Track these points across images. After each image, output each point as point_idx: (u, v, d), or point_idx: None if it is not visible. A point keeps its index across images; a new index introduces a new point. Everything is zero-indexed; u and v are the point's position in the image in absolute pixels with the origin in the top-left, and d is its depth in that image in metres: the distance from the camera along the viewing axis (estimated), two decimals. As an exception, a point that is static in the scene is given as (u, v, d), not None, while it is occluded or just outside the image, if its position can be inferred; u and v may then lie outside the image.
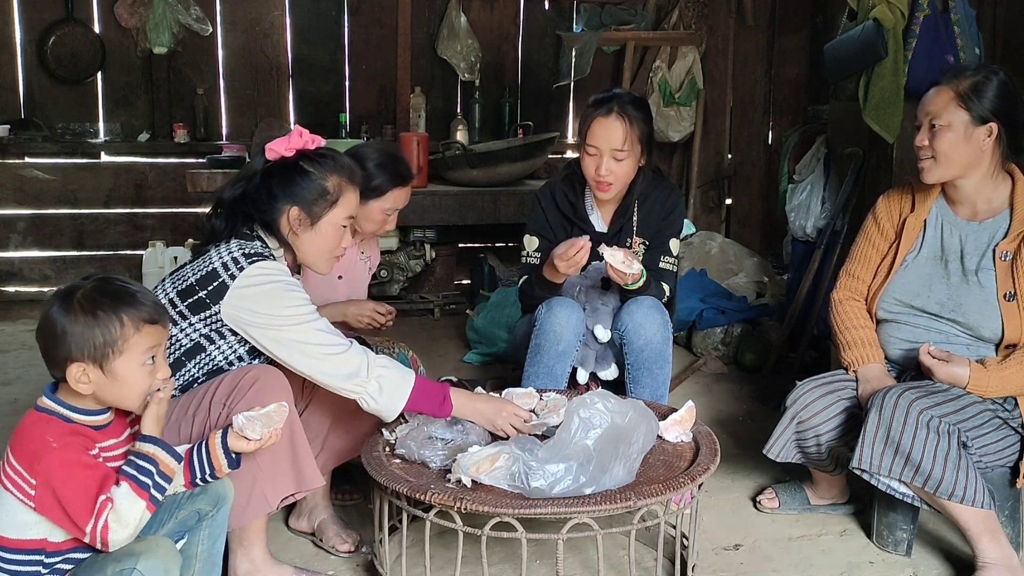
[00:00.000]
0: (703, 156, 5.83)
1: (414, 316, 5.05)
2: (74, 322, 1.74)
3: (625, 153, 2.79)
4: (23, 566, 1.77)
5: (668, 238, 2.95)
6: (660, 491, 2.06)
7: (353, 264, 3.03)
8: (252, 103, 5.47)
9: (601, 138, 2.79)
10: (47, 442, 1.73)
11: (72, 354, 1.75)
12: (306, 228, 2.30)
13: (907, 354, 2.58)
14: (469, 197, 4.79)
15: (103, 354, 1.75)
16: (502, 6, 5.69)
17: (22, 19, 5.16)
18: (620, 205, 2.94)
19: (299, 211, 2.28)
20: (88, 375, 1.76)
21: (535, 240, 2.98)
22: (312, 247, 2.33)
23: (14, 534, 1.76)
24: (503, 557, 2.46)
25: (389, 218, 2.90)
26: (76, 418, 1.80)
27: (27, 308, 5.07)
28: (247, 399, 2.14)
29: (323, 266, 2.39)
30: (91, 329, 1.74)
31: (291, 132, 2.32)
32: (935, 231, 2.61)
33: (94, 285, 1.80)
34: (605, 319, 2.85)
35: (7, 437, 1.81)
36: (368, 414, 2.56)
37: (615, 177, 2.81)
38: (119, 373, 1.77)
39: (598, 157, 2.80)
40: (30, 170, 5.26)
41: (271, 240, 2.31)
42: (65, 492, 1.71)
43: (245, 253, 2.19)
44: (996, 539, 2.36)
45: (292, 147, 2.30)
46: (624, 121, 2.78)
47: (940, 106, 2.46)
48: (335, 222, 2.32)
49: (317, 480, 2.28)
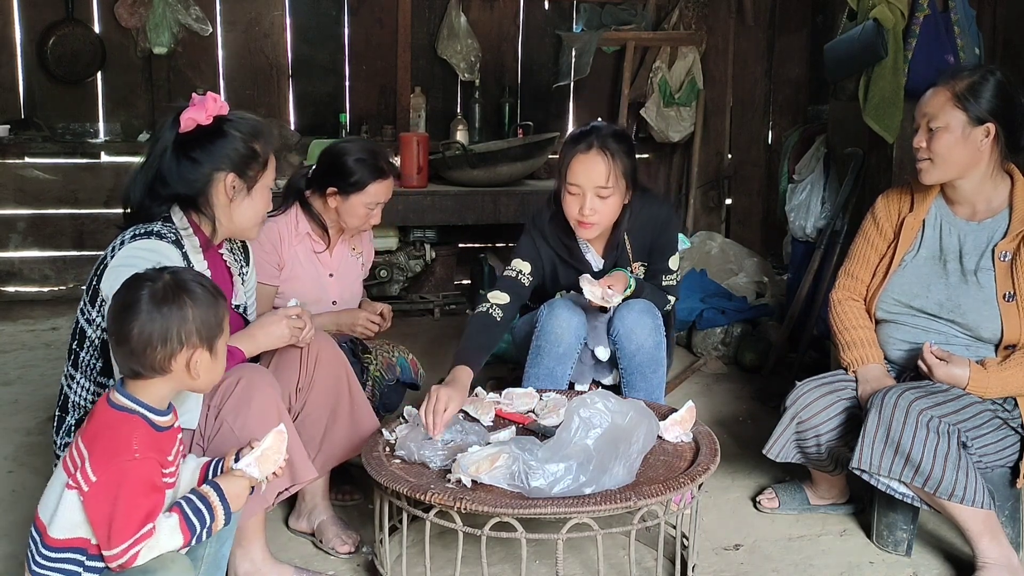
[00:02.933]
0: (703, 156, 5.83)
1: (414, 316, 5.05)
2: (191, 306, 1.78)
3: (609, 190, 2.67)
4: (63, 563, 1.77)
5: (666, 257, 2.89)
6: (660, 491, 2.06)
7: (345, 261, 3.02)
8: (252, 103, 5.46)
9: (583, 176, 2.67)
10: (132, 448, 1.73)
11: (191, 340, 1.78)
12: (243, 194, 2.25)
13: (906, 354, 2.58)
14: (469, 197, 4.79)
15: (215, 333, 1.82)
16: (502, 6, 5.69)
17: (22, 19, 5.16)
18: (610, 238, 2.86)
19: (235, 177, 2.23)
20: (199, 359, 1.80)
21: (527, 264, 2.85)
22: (246, 213, 2.28)
23: (63, 535, 1.76)
24: (503, 557, 2.46)
25: (372, 213, 2.89)
26: (154, 418, 1.80)
27: (27, 308, 5.08)
28: (235, 397, 2.13)
29: (253, 232, 2.36)
30: (206, 311, 1.80)
31: (204, 98, 2.21)
32: (934, 231, 2.61)
33: (175, 275, 1.83)
34: (606, 339, 2.84)
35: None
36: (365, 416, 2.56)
37: (599, 216, 2.70)
38: (219, 352, 1.85)
39: (581, 196, 2.68)
40: (30, 170, 5.26)
41: (180, 218, 2.23)
42: (120, 503, 1.70)
43: (135, 233, 2.15)
44: (996, 539, 2.36)
45: (211, 113, 2.21)
46: (606, 156, 2.65)
47: (937, 107, 2.46)
48: (267, 185, 2.29)
49: (310, 472, 2.28)
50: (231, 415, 2.12)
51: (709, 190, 5.96)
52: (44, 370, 4.06)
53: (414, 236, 4.95)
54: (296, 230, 2.91)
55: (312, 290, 2.86)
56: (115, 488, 1.70)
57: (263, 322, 2.35)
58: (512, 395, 2.64)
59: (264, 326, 2.34)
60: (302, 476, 2.26)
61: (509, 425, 2.49)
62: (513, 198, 4.80)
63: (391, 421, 2.50)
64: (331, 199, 2.86)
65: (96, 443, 1.74)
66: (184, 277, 1.84)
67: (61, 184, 5.31)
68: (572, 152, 2.71)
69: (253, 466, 1.93)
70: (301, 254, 2.91)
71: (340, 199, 2.85)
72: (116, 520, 1.70)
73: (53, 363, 4.12)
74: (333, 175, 2.85)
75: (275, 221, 2.90)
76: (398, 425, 2.43)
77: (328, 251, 2.96)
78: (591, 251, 2.89)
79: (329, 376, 2.48)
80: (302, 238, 2.91)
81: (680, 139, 5.73)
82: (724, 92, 5.89)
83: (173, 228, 2.21)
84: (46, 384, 3.81)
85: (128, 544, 1.71)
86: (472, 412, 2.55)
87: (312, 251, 2.93)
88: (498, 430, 2.42)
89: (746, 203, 6.07)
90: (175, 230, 2.21)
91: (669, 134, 5.65)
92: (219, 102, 2.24)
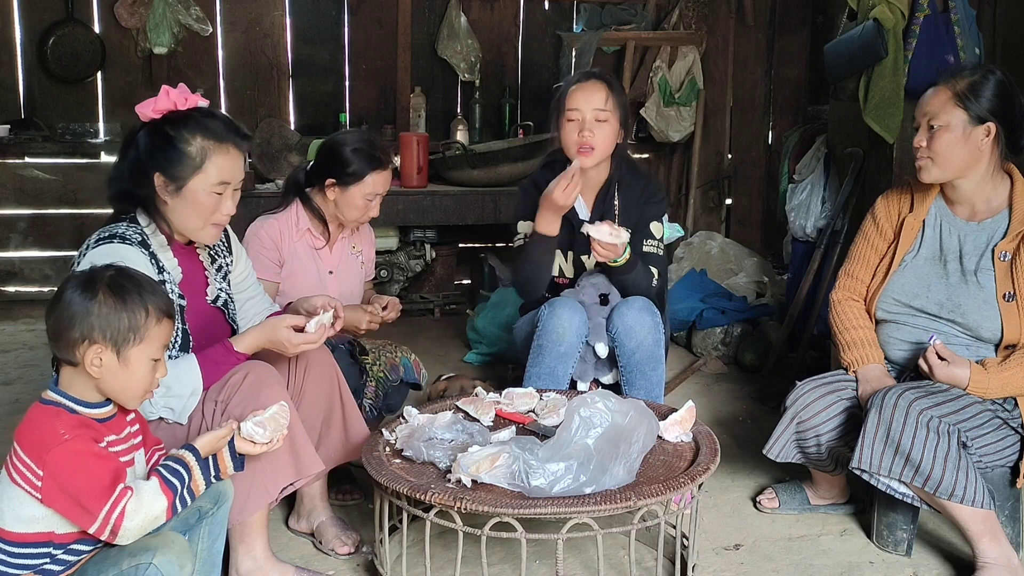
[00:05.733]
0: (703, 156, 5.83)
1: (414, 316, 5.05)
2: (101, 303, 1.75)
3: (607, 114, 2.80)
4: (30, 559, 1.77)
5: (649, 221, 2.94)
6: (660, 491, 2.06)
7: (345, 259, 3.02)
8: (252, 103, 5.47)
9: (583, 100, 2.80)
10: (57, 434, 1.73)
11: (92, 335, 1.75)
12: (173, 195, 2.16)
13: (907, 354, 2.58)
14: (469, 197, 4.80)
15: (124, 339, 1.77)
16: (502, 6, 5.68)
17: (22, 19, 5.15)
18: (601, 189, 2.94)
19: (161, 177, 2.15)
20: (102, 358, 1.77)
21: (528, 224, 2.94)
22: (182, 215, 2.18)
23: (19, 528, 1.76)
24: (503, 557, 2.46)
25: (371, 204, 2.89)
26: (81, 410, 1.80)
27: (27, 308, 5.08)
28: (242, 392, 2.14)
29: (201, 235, 2.23)
30: (118, 312, 1.76)
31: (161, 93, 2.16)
32: (934, 231, 2.61)
33: (116, 272, 1.81)
34: (606, 335, 2.84)
35: (8, 437, 1.82)
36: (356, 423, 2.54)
37: (597, 140, 2.80)
38: (132, 362, 1.79)
39: (580, 121, 2.80)
40: (30, 170, 5.26)
41: (144, 217, 2.19)
42: (75, 481, 1.71)
43: (99, 237, 2.13)
44: (996, 539, 2.36)
45: (159, 108, 2.16)
46: (603, 84, 2.82)
47: (938, 106, 2.46)
48: (203, 188, 2.16)
49: (316, 465, 2.27)
50: (238, 410, 2.12)
51: (709, 190, 5.96)
52: (44, 370, 4.06)
53: (414, 236, 4.95)
54: (296, 226, 2.91)
55: (312, 287, 2.85)
56: (62, 472, 1.71)
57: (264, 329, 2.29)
58: (512, 395, 2.64)
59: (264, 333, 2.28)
60: (309, 468, 2.25)
61: (509, 425, 2.49)
62: (513, 198, 4.74)
63: (392, 421, 2.50)
64: (330, 191, 2.87)
65: (25, 438, 1.75)
66: (118, 277, 1.80)
67: (61, 184, 5.31)
68: (570, 84, 2.88)
69: (259, 429, 1.96)
70: (301, 251, 2.92)
71: (339, 190, 2.86)
72: (81, 497, 1.71)
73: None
74: (331, 166, 2.87)
75: (276, 218, 2.91)
76: (399, 425, 2.43)
77: (328, 247, 2.97)
78: (580, 201, 2.94)
79: (322, 385, 2.48)
80: (302, 234, 2.92)
81: (680, 139, 5.72)
82: (724, 92, 5.89)
83: (138, 228, 2.18)
84: (47, 384, 3.81)
85: (107, 510, 1.72)
86: (472, 412, 2.55)
87: (312, 248, 2.94)
88: (498, 430, 2.41)
89: (746, 203, 6.07)
90: (140, 230, 2.17)
91: (669, 134, 5.65)
92: (174, 95, 2.17)
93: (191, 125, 2.16)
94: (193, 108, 2.19)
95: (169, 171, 2.15)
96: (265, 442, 1.98)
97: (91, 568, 1.80)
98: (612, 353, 2.84)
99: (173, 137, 2.15)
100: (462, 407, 2.59)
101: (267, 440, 1.98)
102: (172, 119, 2.17)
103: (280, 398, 2.15)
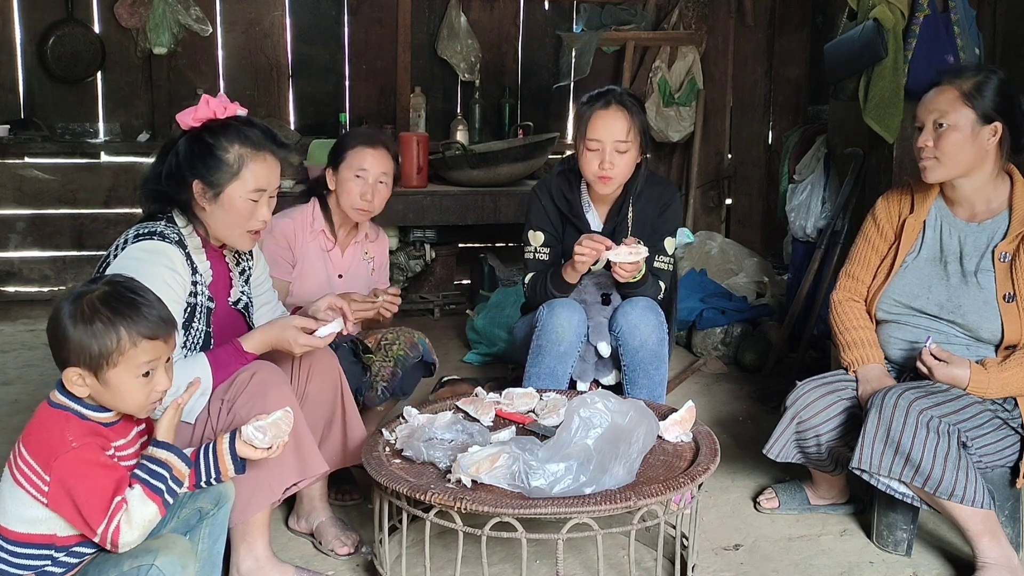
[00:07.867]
0: (703, 156, 5.83)
1: (414, 316, 5.05)
2: (75, 328, 1.75)
3: (628, 144, 2.76)
4: (31, 560, 1.78)
5: (663, 237, 2.92)
6: (660, 491, 2.06)
7: (356, 264, 3.03)
8: (252, 103, 5.45)
9: (603, 131, 2.75)
10: (66, 441, 1.74)
11: (71, 359, 1.76)
12: (211, 202, 2.22)
13: (907, 354, 2.58)
14: (469, 197, 4.79)
15: (97, 364, 1.76)
16: (502, 6, 5.68)
17: (22, 19, 5.15)
18: (615, 202, 2.92)
19: (200, 184, 2.20)
20: (84, 380, 1.77)
21: (540, 235, 2.93)
22: (219, 221, 2.24)
23: (22, 528, 1.76)
24: (503, 557, 2.46)
25: (364, 191, 2.86)
26: (90, 415, 1.80)
27: (27, 308, 5.07)
28: (248, 392, 2.14)
29: (238, 241, 2.29)
30: (88, 339, 1.75)
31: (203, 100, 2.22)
32: (934, 232, 2.61)
33: (102, 292, 1.79)
34: (608, 334, 2.84)
35: (8, 437, 1.82)
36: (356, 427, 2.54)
37: (617, 171, 2.77)
38: (112, 383, 1.78)
39: (601, 152, 2.75)
40: (30, 170, 5.26)
41: (181, 219, 2.25)
42: (81, 492, 1.72)
43: (137, 233, 2.17)
44: (996, 539, 2.36)
45: (200, 117, 2.21)
46: (625, 112, 2.76)
47: (946, 104, 2.45)
48: (240, 194, 2.22)
49: (320, 466, 2.27)
50: (244, 409, 2.13)
51: (709, 190, 5.96)
52: (44, 370, 4.06)
53: (414, 236, 4.94)
54: (311, 227, 2.95)
55: (320, 289, 2.85)
56: (68, 480, 1.72)
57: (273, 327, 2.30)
58: (512, 395, 2.64)
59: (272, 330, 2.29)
60: (313, 469, 2.26)
61: (509, 425, 2.49)
62: (513, 198, 4.80)
63: (391, 421, 2.50)
64: (330, 181, 2.89)
65: (33, 442, 1.75)
66: (105, 298, 1.77)
67: (60, 184, 5.31)
68: (591, 109, 2.78)
69: (259, 434, 1.95)
70: (312, 252, 2.93)
71: (335, 177, 2.89)
72: (83, 508, 1.72)
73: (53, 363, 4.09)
74: (332, 156, 2.92)
75: (291, 218, 2.93)
76: (398, 425, 2.43)
77: (338, 248, 2.98)
78: (592, 211, 2.93)
79: (325, 388, 2.48)
80: (316, 235, 2.94)
81: (680, 139, 5.73)
82: (724, 92, 5.89)
83: (176, 228, 2.23)
84: (46, 384, 3.80)
85: (105, 523, 1.73)
86: (472, 412, 2.55)
87: (323, 249, 2.95)
88: (498, 430, 2.41)
89: (746, 203, 6.07)
90: (178, 230, 2.22)
91: (669, 134, 5.65)
92: (214, 104, 2.22)
93: (230, 133, 2.21)
94: (232, 116, 2.24)
95: (207, 178, 2.20)
96: (264, 447, 1.98)
97: (92, 570, 1.80)
98: (614, 353, 2.84)
99: (212, 145, 2.20)
100: (462, 407, 2.59)
101: (266, 446, 1.97)
102: (211, 127, 2.22)
103: (287, 399, 2.15)
